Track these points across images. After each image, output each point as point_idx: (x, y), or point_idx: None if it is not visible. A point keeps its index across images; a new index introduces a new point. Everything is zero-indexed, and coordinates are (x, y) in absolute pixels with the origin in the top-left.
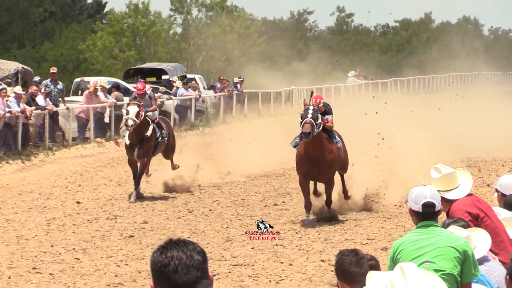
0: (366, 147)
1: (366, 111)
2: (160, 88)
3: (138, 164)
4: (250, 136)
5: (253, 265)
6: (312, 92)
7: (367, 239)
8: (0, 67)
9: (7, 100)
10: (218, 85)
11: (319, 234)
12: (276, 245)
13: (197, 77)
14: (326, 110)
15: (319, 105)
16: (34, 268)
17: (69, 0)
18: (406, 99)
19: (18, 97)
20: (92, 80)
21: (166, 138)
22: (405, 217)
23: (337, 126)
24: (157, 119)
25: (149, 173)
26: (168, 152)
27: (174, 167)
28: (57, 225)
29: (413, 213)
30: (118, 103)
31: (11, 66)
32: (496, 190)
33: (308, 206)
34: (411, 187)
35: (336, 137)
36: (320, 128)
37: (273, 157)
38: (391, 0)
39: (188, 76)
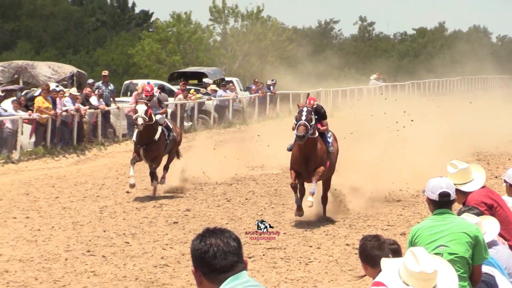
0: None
1: (388, 110)
2: (202, 89)
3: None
4: (281, 133)
5: (284, 249)
6: (308, 94)
7: (387, 225)
8: (58, 70)
9: (64, 100)
10: (253, 87)
11: (344, 221)
12: (306, 230)
13: (234, 80)
14: (321, 114)
15: (313, 107)
16: (88, 251)
17: (119, 11)
18: (423, 99)
19: (73, 98)
20: (140, 82)
21: (173, 138)
22: (422, 206)
23: (360, 122)
24: (166, 123)
25: (162, 181)
26: (171, 154)
27: (164, 175)
28: (109, 212)
29: (430, 201)
30: (166, 103)
31: (67, 70)
32: (505, 181)
33: (299, 204)
34: (428, 177)
35: (330, 140)
36: (315, 131)
37: None
38: (409, 10)
39: (226, 79)
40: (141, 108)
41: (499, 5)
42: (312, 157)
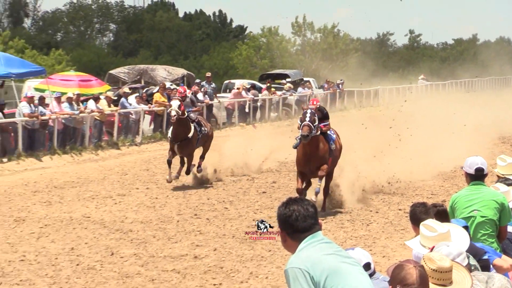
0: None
1: (435, 104)
2: (285, 86)
3: (179, 157)
4: (349, 122)
5: (350, 213)
6: (309, 97)
7: (431, 194)
8: (171, 72)
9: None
10: (326, 86)
11: (397, 190)
12: (368, 198)
13: (311, 80)
14: (324, 114)
15: (316, 108)
16: (195, 215)
17: (220, 25)
18: (459, 95)
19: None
20: (237, 82)
21: (205, 133)
22: (459, 179)
23: (413, 115)
24: (197, 118)
25: (199, 169)
26: (205, 148)
27: (200, 164)
28: (212, 184)
29: (467, 175)
30: (255, 98)
31: (179, 72)
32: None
33: (299, 190)
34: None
35: (333, 137)
36: (318, 130)
37: (370, 135)
38: (449, 24)
39: (305, 79)
40: (175, 103)
41: None
42: (315, 156)
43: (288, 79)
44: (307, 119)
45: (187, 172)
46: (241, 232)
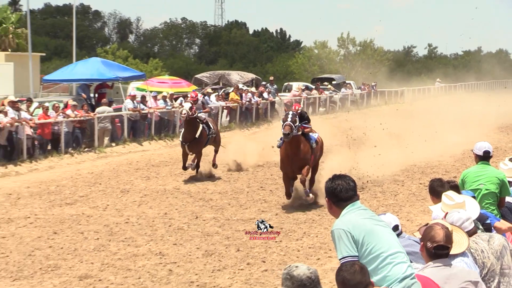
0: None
1: (448, 101)
2: (329, 86)
3: (189, 156)
4: (380, 114)
5: (381, 186)
6: (291, 102)
7: (445, 171)
8: (243, 76)
9: (248, 95)
10: (363, 87)
11: (419, 169)
12: (395, 175)
13: (351, 82)
14: (305, 118)
15: (297, 111)
16: (261, 187)
17: (280, 40)
18: (467, 94)
19: (252, 94)
20: (294, 84)
21: (213, 135)
22: (467, 159)
23: (430, 112)
24: (206, 119)
25: (215, 165)
26: (215, 146)
27: (214, 163)
28: (276, 164)
29: (476, 156)
30: (308, 96)
31: (249, 76)
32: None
33: (288, 194)
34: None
35: (313, 138)
36: (299, 130)
37: (400, 126)
38: (459, 38)
39: (346, 81)
40: (187, 105)
41: None
42: (297, 155)
43: (334, 82)
44: (289, 119)
45: (196, 167)
46: (296, 200)
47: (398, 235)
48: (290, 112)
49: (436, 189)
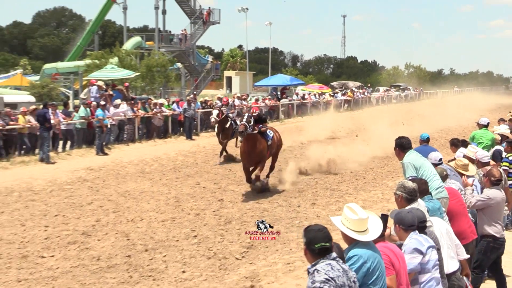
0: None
1: (461, 98)
2: (391, 89)
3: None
4: (423, 105)
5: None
6: (251, 107)
7: (462, 136)
8: (355, 84)
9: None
10: (416, 90)
11: (451, 130)
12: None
13: (410, 87)
14: (262, 119)
15: (253, 114)
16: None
17: (373, 64)
18: (472, 94)
19: (360, 92)
20: (380, 88)
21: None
22: (473, 128)
23: (445, 109)
24: (234, 117)
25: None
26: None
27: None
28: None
29: (480, 125)
30: (387, 95)
31: (357, 84)
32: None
33: (248, 181)
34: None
35: (270, 136)
36: (254, 129)
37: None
38: (468, 62)
39: (408, 86)
40: (215, 112)
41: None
42: (253, 151)
43: (401, 87)
44: (244, 120)
45: (224, 152)
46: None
47: (440, 164)
48: (246, 114)
49: (455, 142)
